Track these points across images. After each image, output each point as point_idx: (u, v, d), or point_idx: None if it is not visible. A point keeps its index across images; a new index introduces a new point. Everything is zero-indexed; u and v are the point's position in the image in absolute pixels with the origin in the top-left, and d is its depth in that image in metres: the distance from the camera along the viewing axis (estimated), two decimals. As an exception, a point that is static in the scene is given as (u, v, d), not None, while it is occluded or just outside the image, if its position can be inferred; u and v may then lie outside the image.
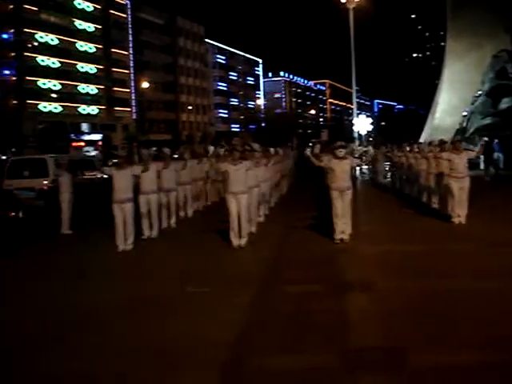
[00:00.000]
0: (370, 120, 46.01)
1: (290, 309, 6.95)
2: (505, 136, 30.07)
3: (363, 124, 43.75)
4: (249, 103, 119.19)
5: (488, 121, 33.90)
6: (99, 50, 73.90)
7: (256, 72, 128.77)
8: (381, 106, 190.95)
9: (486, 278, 7.93)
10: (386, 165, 25.90)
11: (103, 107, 74.44)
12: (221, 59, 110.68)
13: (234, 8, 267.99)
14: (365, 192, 22.95)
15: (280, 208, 16.88)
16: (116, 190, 11.32)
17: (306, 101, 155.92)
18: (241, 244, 10.88)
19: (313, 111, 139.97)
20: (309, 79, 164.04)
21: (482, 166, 27.04)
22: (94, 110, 72.93)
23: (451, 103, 37.54)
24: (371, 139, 46.15)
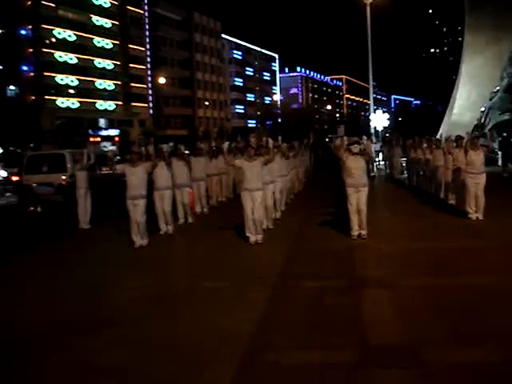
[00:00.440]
0: (387, 116, 45.67)
1: (306, 304, 6.96)
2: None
3: (380, 120, 43.46)
4: (265, 99, 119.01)
5: (506, 117, 33.52)
6: (116, 46, 74.13)
7: (272, 67, 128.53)
8: (398, 102, 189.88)
9: (504, 275, 7.86)
10: (402, 160, 25.78)
11: (120, 103, 74.71)
12: (237, 55, 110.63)
13: (251, 3, 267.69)
14: (382, 188, 22.85)
15: (297, 204, 16.87)
16: (129, 186, 11.29)
17: (322, 96, 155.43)
18: (257, 240, 10.86)
19: (329, 107, 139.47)
20: (325, 74, 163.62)
21: (500, 163, 26.79)
22: (111, 105, 73.25)
23: (469, 99, 37.19)
24: (388, 135, 45.82)
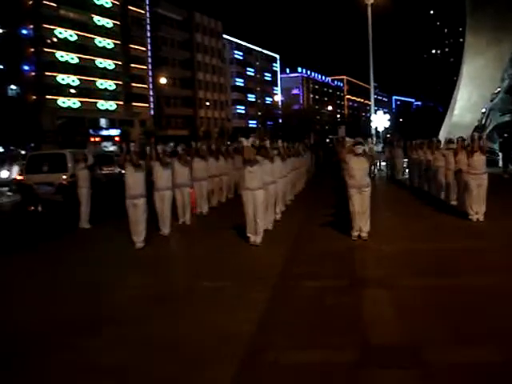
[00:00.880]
0: (388, 116, 45.71)
1: (307, 304, 6.96)
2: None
3: (381, 120, 43.52)
4: (266, 99, 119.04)
5: (507, 118, 33.52)
6: (117, 46, 74.22)
7: (273, 68, 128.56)
8: (399, 103, 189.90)
9: (505, 276, 7.86)
10: (403, 161, 25.78)
11: (121, 103, 74.81)
12: (238, 55, 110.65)
13: (252, 4, 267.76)
14: (383, 189, 22.85)
15: (297, 204, 16.84)
16: (128, 186, 11.20)
17: (323, 97, 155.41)
18: (256, 241, 10.77)
19: (330, 107, 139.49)
20: (326, 75, 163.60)
21: (501, 164, 26.79)
22: (112, 105, 73.33)
23: (470, 100, 37.15)
24: (388, 136, 45.76)
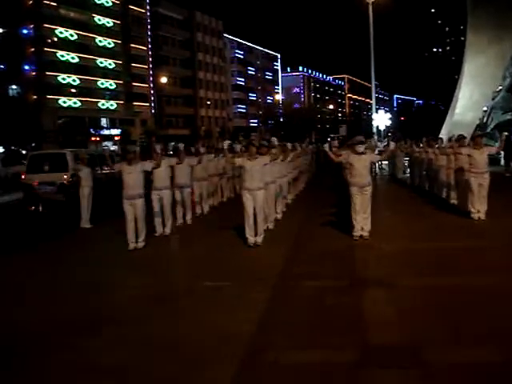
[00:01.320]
0: (389, 115, 45.79)
1: (307, 304, 6.95)
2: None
3: (382, 119, 43.57)
4: (267, 98, 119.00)
5: (509, 116, 33.53)
6: (118, 46, 74.21)
7: (274, 67, 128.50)
8: (400, 101, 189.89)
9: (506, 275, 7.84)
10: (405, 160, 25.76)
11: (122, 102, 74.83)
12: (239, 54, 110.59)
13: (253, 3, 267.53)
14: (384, 188, 22.83)
15: (298, 204, 16.83)
16: (126, 186, 11.07)
17: (324, 96, 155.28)
18: (257, 241, 10.68)
19: (331, 106, 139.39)
20: (327, 74, 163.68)
21: (503, 162, 26.76)
22: (112, 104, 73.35)
23: (472, 98, 37.17)
24: (390, 134, 45.74)
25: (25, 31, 61.16)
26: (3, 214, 18.90)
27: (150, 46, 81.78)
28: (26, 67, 61.72)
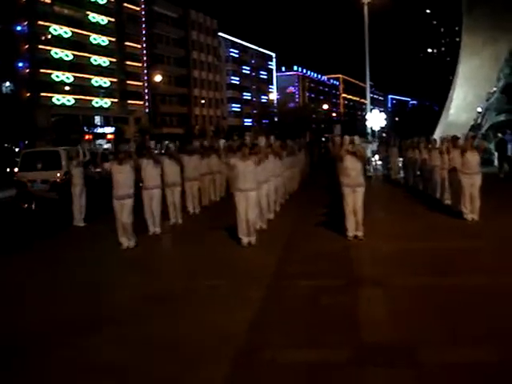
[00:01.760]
0: (384, 115, 45.75)
1: (302, 303, 6.96)
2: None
3: (376, 119, 43.54)
4: (262, 97, 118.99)
5: (503, 117, 33.63)
6: (112, 43, 73.95)
7: (269, 66, 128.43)
8: (394, 102, 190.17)
9: (499, 275, 7.89)
10: (399, 160, 25.77)
11: (116, 100, 74.60)
12: (234, 53, 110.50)
13: (248, 2, 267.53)
14: (378, 188, 22.83)
15: (291, 204, 16.79)
16: (116, 185, 10.98)
17: (319, 95, 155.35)
18: (250, 241, 10.64)
19: (326, 106, 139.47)
20: (322, 74, 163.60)
21: (496, 163, 26.80)
22: (106, 102, 73.11)
23: (466, 99, 37.19)
24: (384, 135, 45.80)
25: (19, 28, 60.85)
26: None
27: (144, 44, 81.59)
28: (20, 64, 61.39)
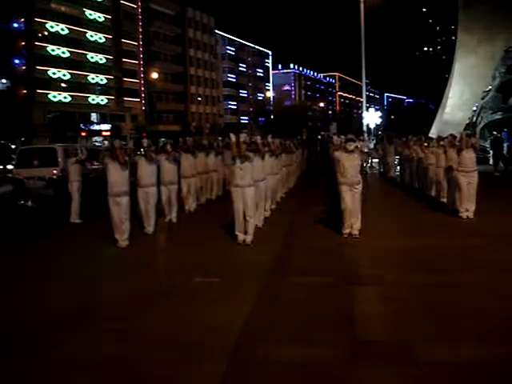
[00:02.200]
0: (380, 113, 45.92)
1: (297, 300, 6.99)
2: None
3: (372, 117, 43.67)
4: (258, 95, 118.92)
5: (498, 116, 33.74)
6: (109, 41, 73.81)
7: (266, 64, 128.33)
8: (390, 100, 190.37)
9: (494, 273, 7.94)
10: (395, 158, 25.84)
11: (112, 97, 74.46)
12: (230, 51, 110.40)
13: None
14: (374, 186, 22.88)
15: (288, 202, 16.81)
16: (111, 183, 10.80)
17: (315, 93, 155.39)
18: (246, 240, 10.51)
19: (322, 104, 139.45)
20: (318, 72, 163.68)
21: (491, 162, 26.91)
22: (103, 100, 72.98)
23: (462, 98, 37.24)
24: (380, 133, 45.86)
25: (15, 25, 60.71)
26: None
27: (141, 42, 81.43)
28: (17, 61, 61.27)
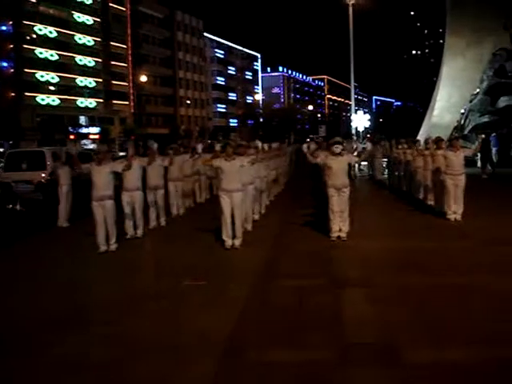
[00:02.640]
0: (368, 116, 46.09)
1: (286, 303, 7.00)
2: (502, 134, 30.25)
3: (361, 120, 43.80)
4: (247, 98, 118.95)
5: (486, 119, 33.88)
6: (98, 43, 73.62)
7: (255, 67, 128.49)
8: (379, 103, 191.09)
9: (482, 275, 8.00)
10: (383, 161, 25.94)
11: (101, 100, 74.25)
12: (219, 53, 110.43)
13: (233, 2, 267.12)
14: (362, 189, 22.95)
15: (276, 205, 16.80)
16: (95, 187, 10.63)
17: (304, 96, 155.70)
18: (235, 244, 10.46)
19: (311, 107, 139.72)
20: (307, 75, 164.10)
21: (479, 164, 27.06)
22: (91, 103, 72.75)
23: (450, 100, 37.44)
24: (369, 135, 46.02)
25: (3, 27, 60.39)
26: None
27: (130, 44, 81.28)
28: (4, 64, 60.91)
